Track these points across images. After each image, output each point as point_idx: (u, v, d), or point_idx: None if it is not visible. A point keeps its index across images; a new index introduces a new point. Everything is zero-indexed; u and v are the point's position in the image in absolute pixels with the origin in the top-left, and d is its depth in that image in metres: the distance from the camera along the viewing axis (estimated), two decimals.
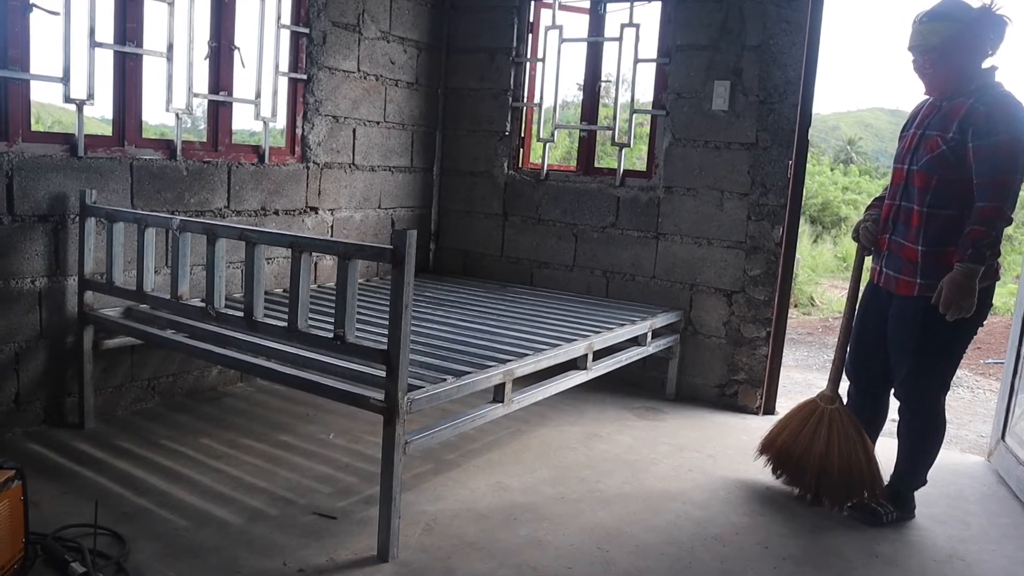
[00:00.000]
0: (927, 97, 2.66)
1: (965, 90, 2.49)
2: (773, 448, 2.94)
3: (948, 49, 2.46)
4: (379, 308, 3.47)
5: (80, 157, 3.04)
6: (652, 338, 3.73)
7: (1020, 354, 3.29)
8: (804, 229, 13.38)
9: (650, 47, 4.13)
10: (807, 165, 3.89)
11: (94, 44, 3.04)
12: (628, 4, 4.12)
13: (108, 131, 3.26)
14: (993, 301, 2.64)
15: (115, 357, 3.26)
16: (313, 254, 2.90)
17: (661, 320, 3.81)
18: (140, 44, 3.19)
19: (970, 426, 4.23)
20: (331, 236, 4.09)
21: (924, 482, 2.81)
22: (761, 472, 3.03)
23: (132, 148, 3.24)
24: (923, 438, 2.73)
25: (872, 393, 2.85)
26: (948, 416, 4.36)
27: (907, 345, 2.62)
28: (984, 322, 2.63)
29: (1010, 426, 3.32)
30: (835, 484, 2.75)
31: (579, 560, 2.36)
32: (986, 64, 2.50)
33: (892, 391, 2.78)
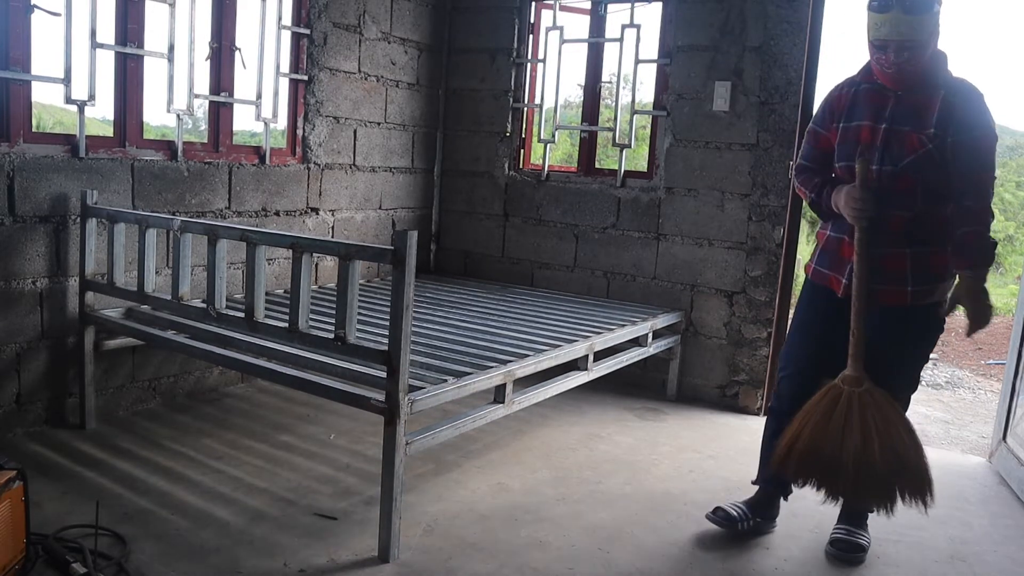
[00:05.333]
0: (860, 81, 2.36)
1: (932, 80, 2.25)
2: (794, 453, 2.35)
3: (928, 42, 2.18)
4: (380, 309, 3.46)
5: (81, 158, 3.04)
6: (653, 339, 3.73)
7: (1021, 355, 3.28)
8: (805, 230, 13.37)
9: (651, 48, 4.14)
10: None
11: (95, 45, 3.04)
12: (629, 5, 4.12)
13: (109, 132, 3.27)
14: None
15: (116, 358, 3.27)
16: (314, 255, 2.90)
17: (662, 321, 3.81)
18: (141, 45, 3.20)
19: (971, 427, 4.23)
20: (332, 237, 4.09)
21: None
22: None
23: (133, 149, 3.24)
24: None
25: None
26: (948, 417, 4.39)
27: (902, 359, 2.39)
28: None
29: (1011, 427, 3.31)
30: (882, 478, 2.25)
31: (580, 561, 2.36)
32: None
33: None
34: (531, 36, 4.50)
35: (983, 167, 2.22)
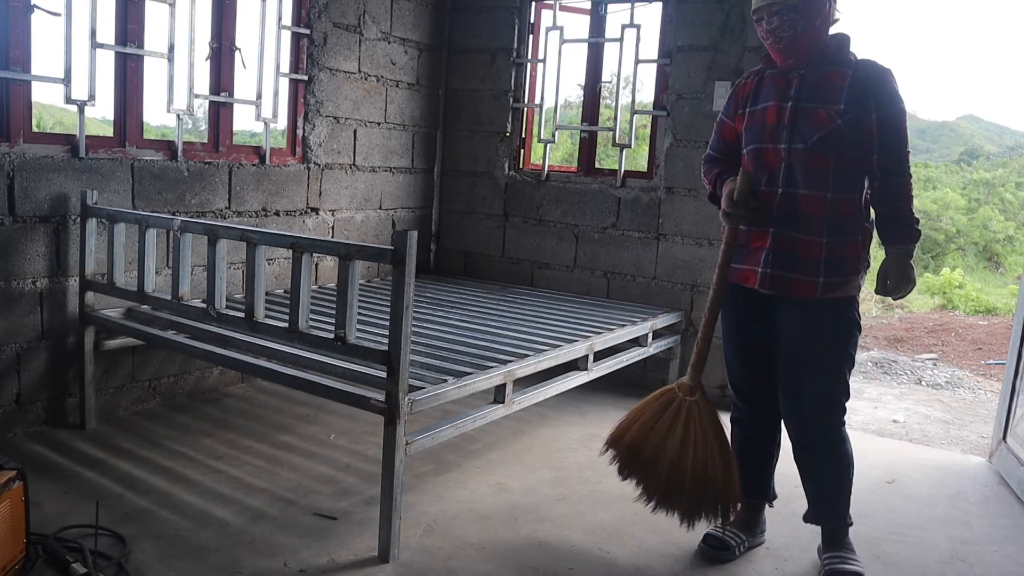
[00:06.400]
0: (762, 68, 2.35)
1: (835, 59, 2.21)
2: (622, 443, 2.38)
3: (809, 10, 2.14)
4: (380, 309, 3.47)
5: (81, 158, 3.04)
6: (653, 339, 3.73)
7: (1021, 355, 3.28)
8: None
9: (651, 48, 4.14)
10: None
11: (95, 45, 3.04)
12: (629, 5, 4.13)
13: (109, 132, 3.27)
14: None
15: (116, 358, 3.27)
16: (314, 255, 2.90)
17: (662, 321, 3.81)
18: (141, 45, 3.20)
19: (971, 427, 4.23)
20: (332, 237, 4.09)
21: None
22: None
23: (133, 149, 3.24)
24: (846, 468, 2.36)
25: (764, 416, 2.47)
26: (948, 417, 4.39)
27: (819, 359, 2.26)
28: None
29: (1011, 427, 3.31)
30: (686, 493, 2.24)
31: (580, 561, 2.36)
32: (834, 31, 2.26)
33: (790, 426, 2.37)
34: (531, 36, 4.50)
35: (904, 142, 2.20)
